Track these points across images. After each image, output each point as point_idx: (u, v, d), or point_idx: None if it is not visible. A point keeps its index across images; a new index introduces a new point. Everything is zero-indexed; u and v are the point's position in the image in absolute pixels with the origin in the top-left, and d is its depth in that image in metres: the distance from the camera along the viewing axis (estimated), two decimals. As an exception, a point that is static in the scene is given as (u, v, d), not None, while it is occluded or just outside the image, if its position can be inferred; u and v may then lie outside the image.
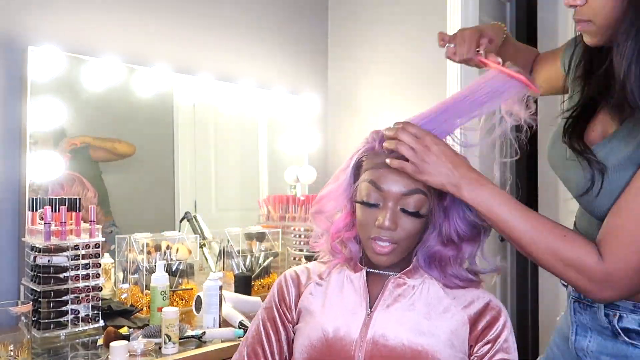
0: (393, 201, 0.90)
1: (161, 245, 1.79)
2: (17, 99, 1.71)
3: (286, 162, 2.53)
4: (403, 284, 0.95)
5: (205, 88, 2.16)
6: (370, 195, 0.91)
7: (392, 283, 0.95)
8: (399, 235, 0.90)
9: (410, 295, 0.93)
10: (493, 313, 0.93)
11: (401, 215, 0.90)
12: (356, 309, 0.93)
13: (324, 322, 0.93)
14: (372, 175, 0.92)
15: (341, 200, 0.99)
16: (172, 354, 1.34)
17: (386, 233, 0.89)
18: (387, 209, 0.89)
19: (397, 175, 0.90)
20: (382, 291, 0.94)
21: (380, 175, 0.91)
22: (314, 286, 1.00)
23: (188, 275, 1.86)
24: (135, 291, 1.75)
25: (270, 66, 2.51)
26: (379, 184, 0.91)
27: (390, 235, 0.90)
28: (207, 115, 2.28)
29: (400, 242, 0.91)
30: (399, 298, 0.93)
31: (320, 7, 2.74)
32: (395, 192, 0.90)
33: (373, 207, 0.91)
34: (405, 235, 0.91)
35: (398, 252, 0.92)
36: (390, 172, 0.90)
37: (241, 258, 2.03)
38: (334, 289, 0.98)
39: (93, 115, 1.92)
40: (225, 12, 2.33)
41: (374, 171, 0.92)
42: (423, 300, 0.93)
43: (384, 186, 0.90)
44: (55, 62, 1.73)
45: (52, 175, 1.73)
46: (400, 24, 2.44)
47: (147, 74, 1.99)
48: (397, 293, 0.94)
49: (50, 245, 1.47)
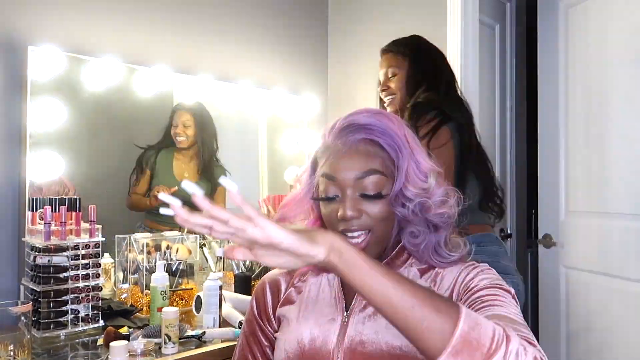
0: (351, 188, 0.85)
1: (161, 245, 1.79)
2: (17, 99, 1.71)
3: (286, 162, 2.53)
4: None
5: (205, 88, 2.16)
6: (328, 189, 0.87)
7: None
8: (367, 222, 0.85)
9: None
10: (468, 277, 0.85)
11: (362, 201, 0.85)
12: (332, 314, 0.89)
13: (300, 332, 0.89)
14: (325, 168, 0.87)
15: (305, 203, 0.94)
16: (172, 354, 1.34)
17: (352, 223, 0.84)
18: (347, 199, 0.85)
19: (348, 160, 0.85)
20: None
21: (331, 166, 0.86)
22: (292, 292, 0.97)
23: (188, 275, 1.86)
24: (135, 291, 1.75)
25: (270, 66, 2.51)
26: (331, 174, 0.86)
27: (359, 224, 0.85)
28: (207, 115, 2.28)
29: (373, 228, 0.85)
30: None
31: (320, 7, 2.74)
32: (349, 179, 0.85)
33: (333, 201, 0.87)
34: (375, 221, 0.85)
35: (373, 241, 0.86)
36: (340, 160, 0.86)
37: (241, 258, 2.03)
38: (310, 293, 0.94)
39: (93, 115, 1.92)
40: (225, 12, 2.32)
41: (326, 164, 0.87)
42: None
43: (337, 175, 0.85)
44: (55, 62, 1.74)
45: (52, 175, 1.73)
46: (400, 24, 2.44)
47: (147, 74, 1.99)
48: None
49: (50, 245, 1.47)
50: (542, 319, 2.42)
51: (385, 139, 0.86)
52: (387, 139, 0.86)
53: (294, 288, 0.97)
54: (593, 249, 2.17)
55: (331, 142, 0.88)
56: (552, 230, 2.37)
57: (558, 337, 2.31)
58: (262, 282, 1.02)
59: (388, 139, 0.86)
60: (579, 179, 2.25)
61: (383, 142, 0.86)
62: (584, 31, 2.23)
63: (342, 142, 0.86)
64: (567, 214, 2.32)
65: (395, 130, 0.87)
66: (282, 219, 0.95)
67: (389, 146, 0.86)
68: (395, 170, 0.86)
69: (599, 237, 2.14)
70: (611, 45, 2.10)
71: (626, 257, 2.02)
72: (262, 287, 1.01)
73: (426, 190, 0.85)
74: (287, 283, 0.99)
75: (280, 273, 1.01)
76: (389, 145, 0.86)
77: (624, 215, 2.03)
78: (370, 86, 2.58)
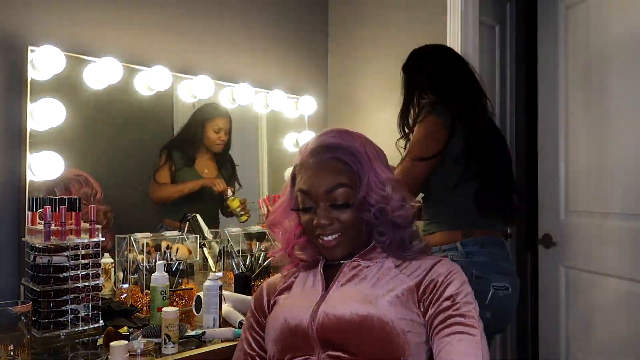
0: (322, 201, 1.02)
1: (161, 245, 1.79)
2: (17, 99, 1.71)
3: (286, 162, 2.53)
4: (357, 265, 1.06)
5: (205, 88, 2.16)
6: (305, 201, 1.05)
7: (347, 266, 1.06)
8: (338, 227, 1.03)
9: (364, 274, 1.04)
10: (440, 271, 1.00)
11: (333, 210, 1.02)
12: (313, 294, 1.05)
13: (285, 311, 1.05)
14: (301, 184, 1.05)
15: (288, 212, 1.12)
16: (172, 354, 1.34)
17: (327, 229, 1.02)
18: (320, 209, 1.02)
19: (319, 177, 1.02)
20: (337, 274, 1.06)
21: (305, 182, 1.04)
22: (284, 288, 1.13)
23: (188, 275, 1.86)
24: (135, 291, 1.75)
25: (270, 66, 2.51)
26: (306, 190, 1.04)
27: (331, 229, 1.02)
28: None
29: (343, 231, 1.03)
30: (352, 278, 1.04)
31: (321, 7, 2.74)
32: (321, 192, 1.02)
33: (309, 211, 1.04)
34: (345, 225, 1.03)
35: (345, 241, 1.04)
36: (312, 177, 1.03)
37: (241, 258, 2.03)
38: (298, 283, 1.11)
39: (93, 115, 1.92)
40: (225, 12, 2.33)
41: (301, 180, 1.05)
42: (373, 274, 1.03)
43: (311, 190, 1.03)
44: (55, 62, 1.73)
45: (52, 175, 1.73)
46: (400, 24, 2.44)
47: (147, 74, 1.99)
48: (351, 274, 1.04)
49: (50, 245, 1.47)
50: (542, 319, 2.42)
51: (349, 157, 1.03)
52: (350, 157, 1.03)
53: (286, 285, 1.13)
54: (593, 249, 2.17)
55: (305, 160, 1.06)
56: (552, 230, 2.36)
57: (558, 337, 2.31)
58: (260, 287, 1.19)
59: (351, 157, 1.03)
60: (579, 179, 2.25)
61: (347, 159, 1.03)
62: (584, 31, 2.23)
63: (314, 160, 1.04)
64: (567, 214, 2.32)
65: (358, 148, 1.04)
66: (273, 223, 1.15)
67: (352, 162, 1.03)
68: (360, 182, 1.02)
69: (599, 237, 2.14)
70: (611, 45, 2.10)
71: (626, 257, 2.02)
72: (261, 289, 1.18)
73: (385, 197, 1.03)
74: (281, 283, 1.15)
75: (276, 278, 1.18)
76: (352, 162, 1.03)
77: (624, 216, 2.03)
78: (370, 86, 2.58)
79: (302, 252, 1.12)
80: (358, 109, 2.63)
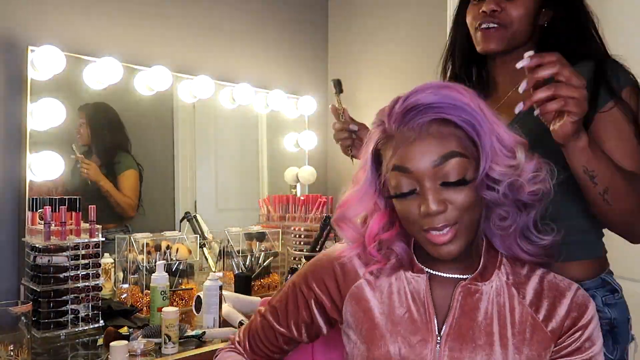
0: (429, 179, 0.73)
1: (161, 245, 1.79)
2: (17, 99, 1.71)
3: (286, 162, 2.53)
4: (475, 291, 0.79)
5: (205, 88, 2.16)
6: (401, 184, 0.75)
7: (459, 293, 0.79)
8: (454, 215, 0.73)
9: (484, 307, 0.78)
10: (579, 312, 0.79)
11: (445, 190, 0.73)
12: (421, 332, 0.78)
13: (387, 345, 0.79)
14: (395, 160, 0.75)
15: (366, 201, 0.83)
16: (172, 354, 1.34)
17: (438, 218, 0.73)
18: (427, 191, 0.73)
19: (421, 146, 0.73)
20: (450, 307, 0.78)
21: (401, 157, 0.74)
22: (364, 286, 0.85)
23: (188, 275, 1.86)
24: (135, 291, 1.75)
25: (270, 66, 2.51)
26: (405, 166, 0.74)
27: (445, 219, 0.73)
28: (207, 115, 2.28)
29: (460, 220, 0.74)
30: (470, 313, 0.78)
31: (320, 7, 2.74)
32: (426, 168, 0.73)
33: (410, 196, 0.75)
34: (462, 211, 0.73)
35: (462, 234, 0.75)
36: (411, 148, 0.73)
37: (241, 258, 2.03)
38: (391, 296, 0.82)
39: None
40: (225, 12, 2.33)
41: (394, 155, 0.75)
42: (496, 311, 0.78)
43: (411, 166, 0.73)
44: (55, 62, 1.73)
45: (52, 175, 1.73)
46: (400, 24, 2.44)
47: (147, 74, 1.99)
48: (468, 305, 0.78)
49: (50, 245, 1.47)
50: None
51: (459, 115, 0.73)
52: (461, 115, 0.73)
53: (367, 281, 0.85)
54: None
55: (394, 129, 0.76)
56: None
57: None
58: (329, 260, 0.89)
59: (463, 115, 0.73)
60: (579, 179, 2.24)
61: (457, 119, 0.73)
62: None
63: (409, 127, 0.74)
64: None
65: (469, 103, 0.74)
66: (341, 219, 0.86)
67: (465, 123, 0.73)
68: (476, 150, 0.74)
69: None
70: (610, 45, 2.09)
71: (627, 258, 2.02)
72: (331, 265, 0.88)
73: (515, 167, 0.75)
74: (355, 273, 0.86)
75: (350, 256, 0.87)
76: (465, 122, 0.73)
77: None
78: (370, 86, 2.58)
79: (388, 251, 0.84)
80: (358, 109, 2.63)
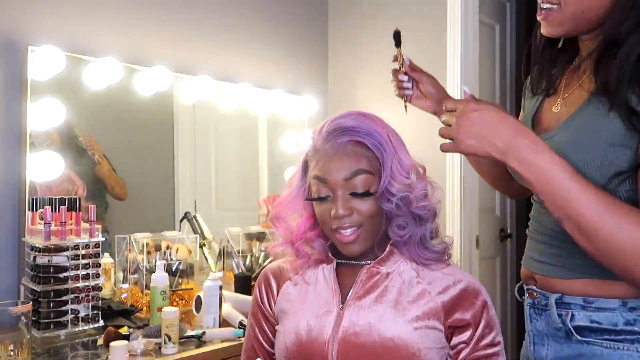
0: (341, 189, 0.91)
1: (161, 245, 1.79)
2: (17, 99, 1.71)
3: (286, 162, 2.53)
4: (377, 272, 0.96)
5: (205, 88, 2.16)
6: (320, 190, 0.94)
7: (364, 273, 0.96)
8: (358, 219, 0.91)
9: (384, 285, 0.94)
10: (470, 298, 0.93)
11: (352, 199, 0.91)
12: (328, 305, 0.95)
13: (297, 323, 0.95)
14: (316, 171, 0.94)
15: (297, 203, 1.01)
16: (172, 354, 1.34)
17: (345, 220, 0.91)
18: (338, 198, 0.91)
19: (337, 162, 0.92)
20: (354, 283, 0.96)
21: (321, 169, 0.93)
22: (289, 285, 1.02)
23: (188, 275, 1.86)
24: (135, 291, 1.75)
25: (270, 66, 2.51)
26: (322, 177, 0.93)
27: (350, 221, 0.91)
28: (207, 115, 2.28)
29: (363, 224, 0.92)
30: (371, 289, 0.94)
31: (321, 7, 2.74)
32: (339, 179, 0.91)
33: (325, 200, 0.93)
34: (365, 217, 0.92)
35: (365, 236, 0.93)
36: (329, 162, 0.92)
37: (241, 258, 2.03)
38: (307, 286, 1.00)
39: (93, 115, 1.92)
40: (225, 12, 2.33)
41: (316, 167, 0.94)
42: (396, 288, 0.94)
43: (328, 177, 0.92)
44: (55, 62, 1.73)
45: (52, 175, 1.73)
46: (400, 24, 2.43)
47: (147, 74, 1.99)
48: (369, 284, 0.95)
49: (50, 245, 1.47)
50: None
51: (370, 140, 0.92)
52: (371, 140, 0.92)
53: (290, 282, 1.02)
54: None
55: (320, 145, 0.95)
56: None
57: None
58: (264, 272, 1.07)
59: (373, 140, 0.92)
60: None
61: (368, 142, 0.92)
62: (584, 31, 2.22)
63: (330, 145, 0.93)
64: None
65: (379, 131, 0.94)
66: (277, 218, 1.02)
67: (374, 146, 0.92)
68: (381, 169, 0.92)
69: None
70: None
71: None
72: (266, 276, 1.06)
73: (409, 185, 0.92)
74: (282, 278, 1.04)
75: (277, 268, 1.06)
76: (374, 146, 0.92)
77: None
78: (370, 86, 2.58)
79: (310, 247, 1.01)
80: (359, 108, 2.62)
